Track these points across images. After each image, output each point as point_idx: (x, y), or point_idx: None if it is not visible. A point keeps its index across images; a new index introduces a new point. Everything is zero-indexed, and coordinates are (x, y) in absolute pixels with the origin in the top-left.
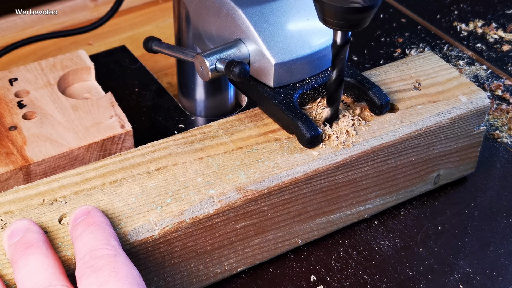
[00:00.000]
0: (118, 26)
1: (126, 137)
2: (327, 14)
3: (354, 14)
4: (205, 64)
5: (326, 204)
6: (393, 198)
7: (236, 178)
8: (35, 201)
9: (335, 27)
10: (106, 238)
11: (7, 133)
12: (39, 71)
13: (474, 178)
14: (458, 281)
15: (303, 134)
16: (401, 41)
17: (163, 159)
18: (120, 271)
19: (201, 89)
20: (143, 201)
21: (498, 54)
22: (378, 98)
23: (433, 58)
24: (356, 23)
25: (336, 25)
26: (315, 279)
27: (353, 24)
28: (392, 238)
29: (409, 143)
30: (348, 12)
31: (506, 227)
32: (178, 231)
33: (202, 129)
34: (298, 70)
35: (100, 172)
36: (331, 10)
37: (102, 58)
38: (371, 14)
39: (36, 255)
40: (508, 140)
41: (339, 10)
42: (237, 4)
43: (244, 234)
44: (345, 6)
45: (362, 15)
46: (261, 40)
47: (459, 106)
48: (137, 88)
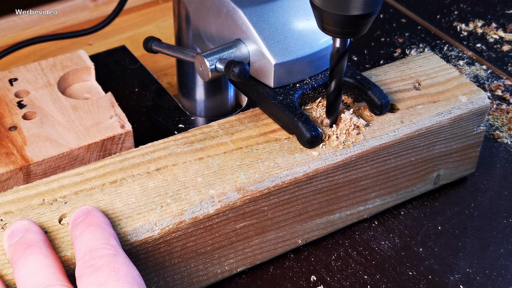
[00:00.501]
0: (118, 26)
1: (126, 137)
2: (326, 21)
3: (352, 22)
4: (205, 64)
5: (326, 204)
6: (393, 198)
7: (236, 178)
8: (35, 201)
9: (334, 35)
10: (106, 238)
11: (7, 133)
12: (39, 71)
13: (474, 178)
14: (458, 281)
15: (303, 134)
16: (401, 41)
17: (163, 159)
18: (120, 270)
19: (201, 89)
20: (143, 201)
21: (498, 54)
22: (378, 98)
23: (433, 58)
24: (355, 31)
25: (335, 32)
26: (315, 279)
27: (351, 32)
28: (392, 238)
29: (409, 143)
30: (347, 20)
31: (506, 227)
32: (178, 231)
33: (202, 129)
34: (298, 70)
35: (100, 172)
36: (330, 17)
37: (102, 58)
38: (370, 22)
39: (36, 255)
40: (508, 140)
41: (338, 18)
42: (237, 4)
43: (244, 234)
44: (343, 14)
45: (360, 22)
46: (261, 40)
47: (459, 106)
48: (137, 88)
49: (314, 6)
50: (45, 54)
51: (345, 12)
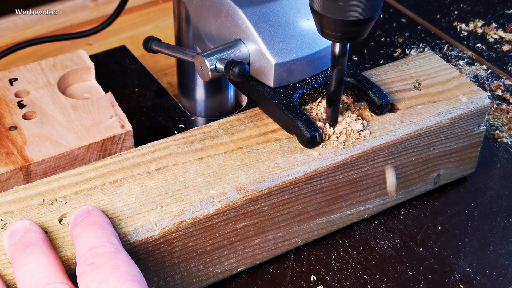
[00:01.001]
0: (118, 26)
1: (126, 137)
2: (325, 26)
3: (352, 27)
4: (205, 64)
5: (326, 204)
6: (393, 198)
7: (236, 178)
8: (35, 201)
9: (333, 39)
10: (107, 236)
11: (7, 133)
12: (39, 71)
13: (474, 178)
14: (458, 281)
15: (303, 134)
16: (401, 41)
17: (163, 159)
18: (121, 268)
19: (201, 89)
20: (143, 201)
21: (498, 54)
22: (378, 98)
23: (433, 58)
24: (354, 35)
25: (335, 37)
26: (315, 279)
27: (351, 36)
28: (392, 238)
29: (409, 143)
30: (347, 25)
31: (506, 227)
32: (178, 231)
33: (202, 129)
34: (298, 70)
35: (100, 172)
36: (329, 22)
37: (102, 58)
38: (369, 27)
39: (36, 253)
40: (508, 140)
41: (338, 23)
42: (237, 4)
43: (244, 234)
44: (343, 19)
45: (360, 27)
46: (261, 40)
47: (459, 106)
48: (137, 88)
49: (314, 11)
50: (45, 54)
51: (345, 17)
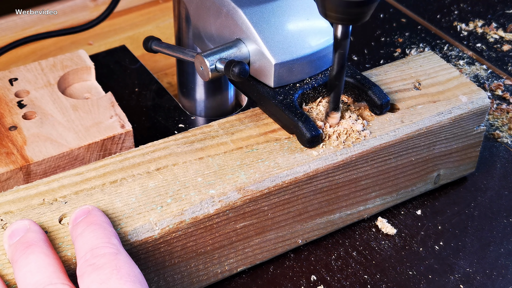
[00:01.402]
0: (118, 26)
1: (126, 137)
2: (328, 8)
3: (355, 8)
4: (205, 64)
5: (326, 204)
6: (393, 198)
7: (236, 178)
8: (35, 201)
9: (336, 21)
10: (107, 236)
11: (7, 133)
12: (39, 71)
13: (474, 178)
14: (458, 281)
15: (303, 134)
16: (401, 41)
17: (163, 159)
18: (122, 269)
19: (201, 89)
20: (143, 201)
21: (498, 54)
22: (378, 98)
23: (433, 58)
24: (357, 17)
25: (337, 18)
26: (315, 279)
27: (354, 18)
28: (392, 238)
29: (409, 143)
30: (349, 6)
31: (506, 227)
32: (178, 231)
33: (202, 129)
34: (298, 70)
35: (100, 172)
36: (332, 4)
37: (102, 58)
38: (372, 8)
39: (37, 254)
40: (508, 140)
41: (340, 4)
42: (237, 4)
43: (244, 234)
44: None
45: (363, 9)
46: (261, 40)
47: (460, 106)
48: (137, 88)
49: None
50: (45, 54)
51: None
